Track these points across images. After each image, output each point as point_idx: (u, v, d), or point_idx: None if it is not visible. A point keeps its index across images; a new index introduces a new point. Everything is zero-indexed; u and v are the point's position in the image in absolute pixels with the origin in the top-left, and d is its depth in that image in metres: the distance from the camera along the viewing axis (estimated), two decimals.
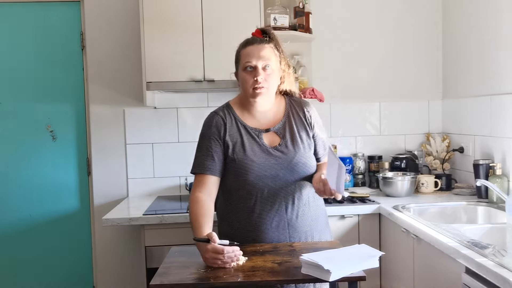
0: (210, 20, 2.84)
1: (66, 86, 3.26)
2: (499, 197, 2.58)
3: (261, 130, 2.03)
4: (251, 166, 1.97)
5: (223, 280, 1.58)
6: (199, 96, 3.28)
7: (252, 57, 1.98)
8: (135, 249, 3.24)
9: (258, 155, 1.99)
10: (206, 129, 2.05)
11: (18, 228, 3.25)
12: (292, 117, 2.08)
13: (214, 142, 2.00)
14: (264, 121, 2.06)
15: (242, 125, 2.03)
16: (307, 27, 3.11)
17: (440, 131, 3.43)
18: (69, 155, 3.28)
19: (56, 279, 3.30)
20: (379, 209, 2.75)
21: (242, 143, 2.00)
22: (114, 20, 3.22)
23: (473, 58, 3.04)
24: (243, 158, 1.98)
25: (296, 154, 2.00)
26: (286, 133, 2.04)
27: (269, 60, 1.99)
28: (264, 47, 2.00)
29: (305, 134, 2.06)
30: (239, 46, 2.07)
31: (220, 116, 2.04)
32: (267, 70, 1.98)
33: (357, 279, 1.61)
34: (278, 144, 2.01)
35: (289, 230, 1.99)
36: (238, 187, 1.99)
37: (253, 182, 1.96)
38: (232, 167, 1.99)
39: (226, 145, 2.00)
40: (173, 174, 3.29)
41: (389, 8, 3.40)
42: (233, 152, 1.99)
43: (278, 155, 1.99)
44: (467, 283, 1.80)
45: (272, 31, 2.08)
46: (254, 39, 2.04)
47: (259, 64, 1.97)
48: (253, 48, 2.00)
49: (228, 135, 2.01)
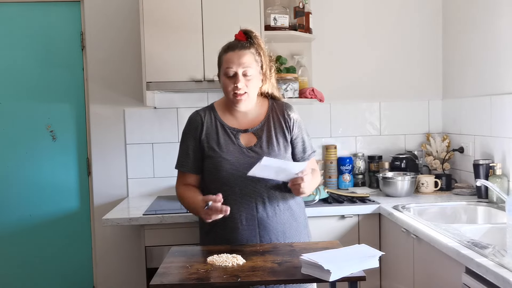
0: (210, 20, 2.84)
1: (66, 86, 3.26)
2: (499, 197, 2.58)
3: (240, 130, 2.10)
4: (224, 164, 2.04)
5: (223, 280, 1.58)
6: (199, 96, 3.28)
7: (232, 64, 2.02)
8: (135, 249, 3.24)
9: (232, 154, 2.05)
10: (185, 128, 2.17)
11: (18, 228, 3.25)
12: (272, 119, 2.13)
13: (191, 141, 2.12)
14: (244, 122, 2.12)
15: (221, 124, 2.11)
16: (307, 27, 3.11)
17: (440, 131, 3.43)
18: (69, 155, 3.28)
19: (56, 279, 3.30)
20: (379, 209, 2.75)
21: (218, 142, 2.07)
22: (114, 20, 3.22)
23: (473, 58, 3.04)
24: (216, 156, 2.05)
25: (269, 155, 2.03)
26: (263, 134, 2.09)
27: (249, 67, 2.03)
28: (244, 53, 2.03)
29: (282, 137, 2.11)
30: (221, 50, 2.10)
31: (200, 115, 2.14)
32: (247, 76, 2.03)
33: (357, 279, 1.61)
34: (253, 144, 2.07)
35: (259, 230, 2.03)
36: (211, 184, 2.08)
37: (224, 180, 2.03)
38: (208, 165, 2.08)
39: (202, 144, 2.09)
40: (173, 174, 3.23)
41: (389, 8, 3.40)
42: (208, 150, 2.08)
43: (252, 155, 2.04)
44: (467, 283, 1.80)
45: (254, 34, 2.10)
46: (235, 44, 2.06)
47: (239, 71, 2.02)
48: (233, 54, 2.03)
49: (205, 134, 2.09)
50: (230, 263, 1.71)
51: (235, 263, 1.72)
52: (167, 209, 2.77)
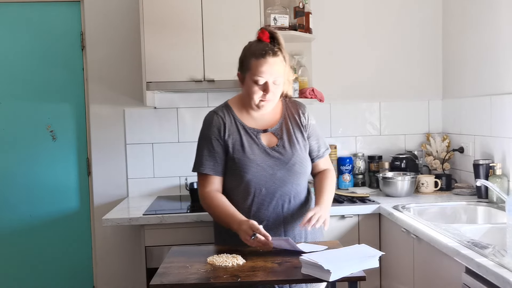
0: (210, 20, 2.84)
1: (66, 86, 3.26)
2: (499, 197, 2.58)
3: (259, 130, 2.08)
4: (250, 165, 2.02)
5: (223, 280, 1.58)
6: (199, 96, 3.28)
7: (264, 73, 1.97)
8: (135, 249, 3.23)
9: (257, 154, 2.03)
10: (206, 129, 2.09)
11: (18, 228, 3.25)
12: (288, 118, 2.13)
13: (216, 142, 2.05)
14: (261, 122, 2.11)
15: (241, 125, 2.08)
16: (307, 27, 3.11)
17: (440, 131, 3.43)
18: (69, 155, 3.28)
19: (56, 279, 3.30)
20: (379, 209, 2.75)
21: (241, 143, 2.04)
22: (114, 20, 3.22)
23: (473, 58, 3.04)
24: (242, 157, 2.03)
25: (293, 155, 2.06)
26: (283, 134, 2.09)
27: (279, 76, 2.00)
28: (275, 62, 1.98)
29: (301, 136, 2.12)
30: (250, 53, 2.02)
31: (220, 116, 2.09)
32: (276, 84, 2.01)
33: (357, 279, 1.61)
34: (275, 144, 2.07)
35: (285, 229, 2.04)
36: (236, 185, 2.05)
37: (251, 181, 2.02)
38: (231, 166, 2.05)
39: (226, 145, 2.05)
40: (173, 174, 3.29)
41: (389, 8, 3.40)
42: (233, 151, 2.04)
43: (276, 156, 2.04)
44: (467, 283, 1.80)
45: (278, 35, 2.05)
46: (265, 49, 1.98)
47: (270, 80, 1.98)
48: (265, 63, 1.96)
49: (228, 135, 2.05)
50: (230, 263, 1.71)
51: (235, 263, 1.72)
52: (167, 209, 2.77)
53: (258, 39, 2.04)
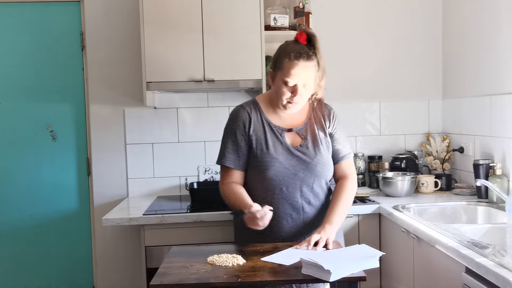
0: (210, 20, 2.84)
1: (66, 86, 3.26)
2: (499, 197, 2.58)
3: (284, 129, 2.09)
4: (272, 163, 2.02)
5: (223, 281, 1.58)
6: (199, 96, 3.28)
7: (295, 76, 1.97)
8: (135, 249, 3.23)
9: (280, 153, 2.04)
10: (232, 122, 2.11)
11: (18, 228, 3.25)
12: (314, 119, 2.13)
13: (240, 137, 2.07)
14: (287, 121, 2.11)
15: (267, 121, 2.09)
16: (307, 27, 3.11)
17: (440, 131, 3.43)
18: (69, 155, 3.27)
19: (56, 279, 3.29)
20: (379, 209, 2.75)
21: (266, 140, 2.05)
22: (114, 20, 3.22)
23: (473, 58, 3.04)
24: (265, 154, 2.04)
25: (316, 156, 2.06)
26: (308, 134, 2.09)
27: (310, 80, 2.01)
28: (308, 66, 1.98)
29: (324, 138, 2.11)
30: (284, 53, 2.00)
31: (247, 111, 2.10)
32: (305, 87, 2.00)
33: (357, 279, 1.61)
34: (299, 144, 2.07)
35: (305, 228, 2.05)
36: (258, 181, 2.06)
37: (272, 179, 2.03)
38: (254, 162, 2.06)
39: (250, 140, 2.06)
40: (173, 174, 3.29)
41: (389, 8, 3.40)
42: (256, 147, 2.05)
43: (299, 155, 2.05)
44: (467, 283, 1.80)
45: (316, 40, 2.02)
46: (301, 52, 1.97)
47: (300, 83, 1.99)
48: (298, 65, 1.96)
49: (253, 130, 2.06)
50: (230, 263, 1.71)
51: (235, 263, 1.72)
52: (167, 209, 2.77)
53: (295, 39, 2.03)
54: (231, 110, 3.38)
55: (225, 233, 2.61)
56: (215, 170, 3.27)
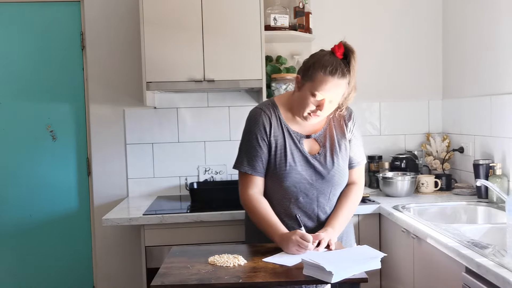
0: (210, 20, 2.84)
1: (66, 86, 3.26)
2: (499, 197, 2.58)
3: (302, 135, 2.02)
4: (289, 171, 1.97)
5: (224, 281, 1.58)
6: (199, 96, 3.28)
7: (325, 92, 1.89)
8: (135, 249, 3.23)
9: (297, 161, 1.99)
10: (252, 126, 2.02)
11: (18, 228, 3.25)
12: (333, 125, 2.07)
13: (262, 142, 1.99)
14: (305, 127, 2.04)
15: (286, 127, 2.02)
16: (307, 27, 3.11)
17: (440, 131, 3.43)
18: (69, 155, 3.27)
19: (56, 279, 3.29)
20: (379, 209, 2.76)
21: (284, 146, 1.99)
22: (114, 20, 3.22)
23: (473, 58, 3.04)
24: (282, 161, 1.98)
25: (333, 166, 2.01)
26: (326, 142, 2.03)
27: (338, 97, 1.94)
28: (340, 83, 1.89)
29: (343, 144, 2.06)
30: (320, 64, 1.89)
31: (267, 114, 2.01)
32: (331, 103, 1.94)
33: (359, 280, 1.61)
34: (317, 152, 2.02)
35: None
36: (275, 188, 2.01)
37: (289, 187, 1.99)
38: (272, 169, 2.00)
39: (270, 145, 1.99)
40: (173, 174, 3.29)
41: (389, 8, 3.40)
42: (274, 154, 1.99)
43: (316, 166, 2.00)
44: (467, 283, 1.80)
45: (352, 56, 1.91)
46: (336, 67, 1.87)
47: (327, 98, 1.91)
48: (331, 81, 1.87)
49: (273, 135, 2.00)
50: (231, 264, 1.71)
51: (236, 264, 1.72)
52: (167, 209, 2.77)
53: (332, 51, 1.94)
54: (231, 110, 3.41)
55: (225, 233, 2.62)
56: (215, 170, 3.27)
